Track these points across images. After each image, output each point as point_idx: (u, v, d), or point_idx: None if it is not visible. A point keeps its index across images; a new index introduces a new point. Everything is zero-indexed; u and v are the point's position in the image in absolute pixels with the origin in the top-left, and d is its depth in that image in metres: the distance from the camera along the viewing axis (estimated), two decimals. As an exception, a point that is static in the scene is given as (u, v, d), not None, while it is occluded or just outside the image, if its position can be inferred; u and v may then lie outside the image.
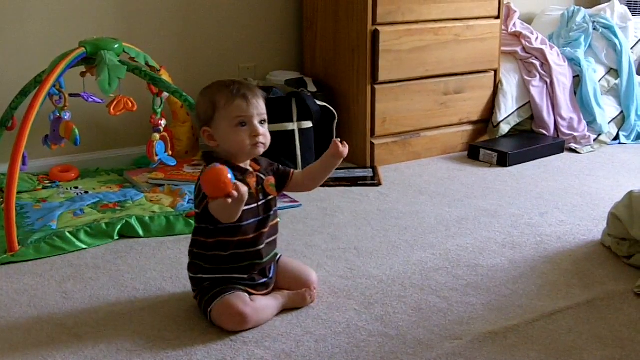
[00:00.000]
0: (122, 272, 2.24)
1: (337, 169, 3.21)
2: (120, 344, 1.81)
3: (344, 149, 2.01)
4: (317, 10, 3.49)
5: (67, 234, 2.40)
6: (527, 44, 3.78)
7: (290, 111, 3.13)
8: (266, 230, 1.96)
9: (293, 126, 3.13)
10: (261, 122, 1.93)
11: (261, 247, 1.95)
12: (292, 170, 2.08)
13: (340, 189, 3.04)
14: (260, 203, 1.95)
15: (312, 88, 3.34)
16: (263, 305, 1.92)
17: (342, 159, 2.03)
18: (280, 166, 2.06)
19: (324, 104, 3.25)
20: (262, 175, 1.98)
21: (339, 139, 2.02)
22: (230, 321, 1.86)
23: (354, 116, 3.36)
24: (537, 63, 3.73)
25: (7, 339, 1.84)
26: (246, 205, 1.88)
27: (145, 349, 1.79)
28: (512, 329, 1.89)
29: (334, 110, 3.26)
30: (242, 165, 1.94)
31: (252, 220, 1.92)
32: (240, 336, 1.84)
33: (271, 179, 2.00)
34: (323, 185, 3.04)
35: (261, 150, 1.94)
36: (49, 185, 2.95)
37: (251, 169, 1.96)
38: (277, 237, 2.03)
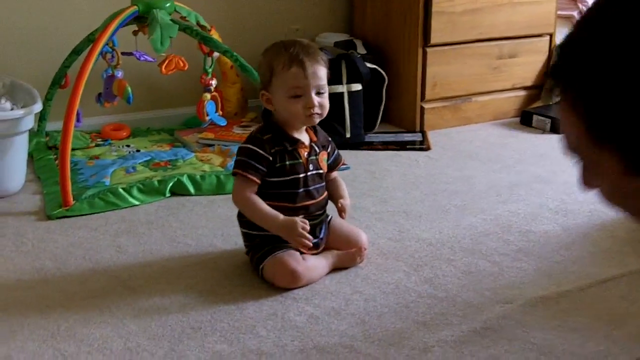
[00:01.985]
0: (174, 228, 2.26)
1: (386, 132, 3.25)
2: (174, 297, 1.84)
3: (341, 216, 2.02)
4: (369, -28, 3.46)
5: (121, 190, 2.43)
6: (584, 8, 3.70)
7: (340, 73, 3.10)
8: (314, 201, 1.96)
9: (342, 89, 3.10)
10: (319, 92, 1.90)
11: (306, 214, 1.94)
12: (341, 162, 2.09)
13: (389, 152, 3.03)
14: (309, 174, 1.95)
15: (361, 50, 3.31)
16: (314, 263, 1.92)
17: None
18: (337, 152, 2.07)
19: (374, 66, 3.22)
20: (316, 148, 1.98)
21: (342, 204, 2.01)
22: (282, 278, 1.87)
23: (404, 79, 3.33)
24: (594, 28, 3.65)
25: (62, 290, 1.88)
26: (293, 174, 1.90)
27: (198, 303, 1.81)
28: (564, 294, 1.87)
29: (384, 73, 3.23)
30: (295, 134, 1.94)
31: (301, 190, 1.93)
32: (291, 293, 1.86)
33: (325, 155, 2.01)
34: (371, 149, 3.05)
35: (316, 120, 1.93)
36: (101, 143, 2.98)
37: (303, 140, 1.95)
38: (325, 209, 2.02)
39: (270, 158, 1.89)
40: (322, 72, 1.91)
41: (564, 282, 1.94)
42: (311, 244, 1.87)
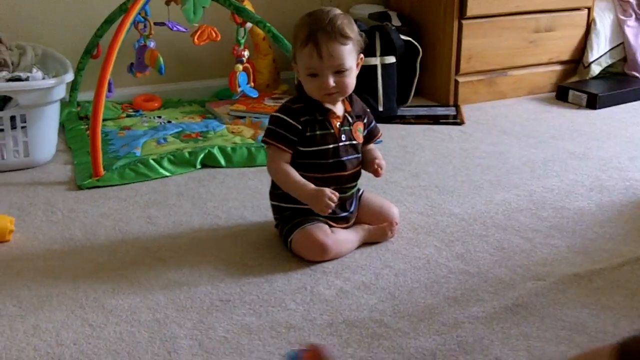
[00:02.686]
0: (205, 200, 2.26)
1: (419, 106, 3.21)
2: (203, 269, 1.83)
3: (377, 174, 1.99)
4: (405, -58, 3.41)
5: (151, 161, 2.43)
6: (623, -18, 3.63)
7: (374, 45, 3.06)
8: (345, 173, 1.94)
9: (375, 61, 3.07)
10: (337, 72, 1.84)
11: (342, 186, 1.92)
12: (378, 135, 2.06)
13: (422, 126, 3.00)
14: (341, 144, 1.92)
15: (396, 22, 3.27)
16: (343, 237, 1.91)
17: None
18: (374, 124, 2.04)
19: (408, 38, 3.18)
20: (350, 118, 1.95)
21: (378, 163, 1.98)
22: (311, 251, 1.86)
23: (438, 52, 3.28)
24: (633, 2, 3.58)
25: (92, 260, 1.88)
26: (323, 144, 1.88)
27: (227, 275, 1.80)
28: (598, 272, 1.84)
29: (418, 46, 3.19)
30: (326, 104, 1.91)
31: (330, 161, 1.90)
32: (320, 266, 1.85)
33: (360, 125, 1.97)
34: (404, 123, 3.02)
35: (336, 98, 1.90)
36: (133, 113, 2.98)
37: (336, 110, 1.92)
38: (357, 182, 2.00)
39: (300, 127, 1.87)
40: (342, 50, 1.83)
41: (597, 260, 1.91)
42: (331, 210, 1.84)
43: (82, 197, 2.27)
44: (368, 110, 2.04)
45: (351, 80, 1.88)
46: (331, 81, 1.84)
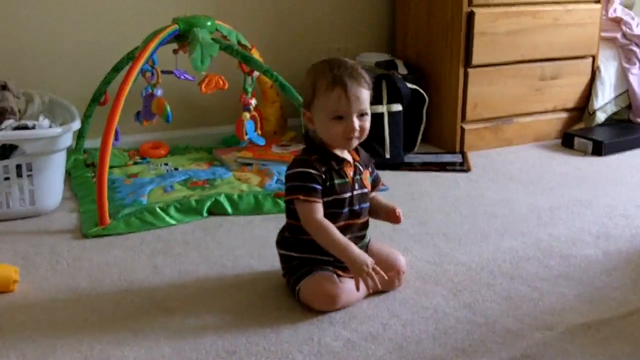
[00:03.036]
0: (211, 248, 2.25)
1: (426, 153, 3.22)
2: (209, 319, 1.82)
3: (398, 220, 2.00)
4: (411, -9, 3.45)
5: (158, 210, 2.43)
6: (628, 30, 3.65)
7: (380, 93, 3.08)
8: (359, 221, 1.94)
9: (382, 109, 3.08)
10: (361, 114, 1.87)
11: (350, 235, 1.92)
12: (380, 183, 2.07)
13: (429, 173, 3.00)
14: (355, 193, 1.92)
15: (402, 70, 3.29)
16: (351, 286, 1.89)
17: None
18: (376, 172, 2.05)
19: (415, 86, 3.20)
20: (360, 167, 1.96)
21: (399, 211, 2.00)
22: (319, 301, 1.85)
23: (445, 100, 3.30)
24: (637, 50, 3.60)
25: (96, 310, 1.87)
26: (341, 193, 1.88)
27: (233, 325, 1.79)
28: (605, 322, 1.82)
29: (424, 94, 3.21)
30: (339, 153, 1.91)
31: (346, 210, 1.91)
32: (328, 316, 1.83)
33: (367, 173, 1.99)
34: (411, 170, 3.03)
35: (355, 143, 1.90)
36: (140, 161, 2.99)
37: (349, 158, 1.94)
38: (366, 232, 2.00)
39: (323, 176, 1.87)
40: (365, 95, 1.87)
41: (605, 309, 1.89)
42: (379, 287, 1.85)
43: (88, 246, 2.26)
44: (372, 159, 2.06)
45: (369, 125, 1.90)
46: (357, 124, 1.85)
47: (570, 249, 2.27)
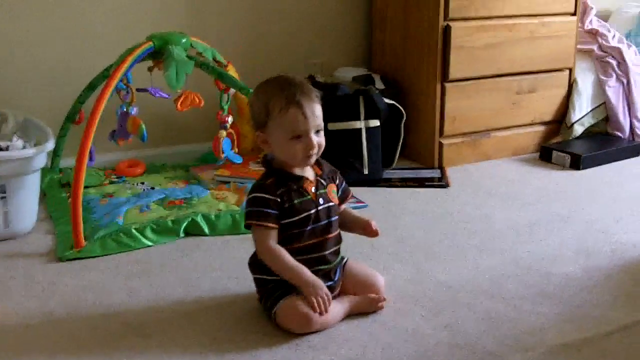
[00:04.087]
0: (188, 270, 2.23)
1: (404, 169, 3.21)
2: (187, 345, 1.79)
3: (375, 233, 2.00)
4: (388, 6, 3.44)
5: (134, 231, 2.40)
6: (604, 42, 3.66)
7: (358, 109, 3.07)
8: (330, 236, 1.92)
9: (360, 124, 3.07)
10: (317, 131, 1.86)
11: (327, 252, 1.91)
12: (350, 195, 2.06)
13: (407, 189, 2.99)
14: (320, 208, 1.90)
15: (380, 85, 3.29)
16: (328, 307, 1.88)
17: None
18: (345, 184, 2.03)
19: (392, 102, 3.18)
20: (323, 182, 1.94)
21: (374, 224, 2.00)
22: (295, 322, 1.83)
23: (422, 115, 3.29)
24: (614, 62, 3.62)
25: (72, 336, 1.84)
26: (304, 211, 1.86)
27: (211, 350, 1.77)
28: (586, 341, 1.82)
29: (402, 109, 3.20)
30: (298, 171, 1.90)
31: (310, 227, 1.88)
32: (306, 340, 1.81)
33: (333, 187, 1.96)
34: (390, 186, 3.01)
35: (314, 159, 1.89)
36: (116, 180, 2.96)
37: (307, 175, 1.91)
38: (340, 247, 1.98)
39: (278, 199, 1.85)
40: (319, 110, 1.86)
41: (585, 328, 1.89)
42: (326, 313, 1.83)
43: (63, 270, 2.22)
44: (337, 171, 2.03)
45: (324, 140, 1.89)
46: (315, 140, 1.84)
47: (549, 266, 2.26)
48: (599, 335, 1.85)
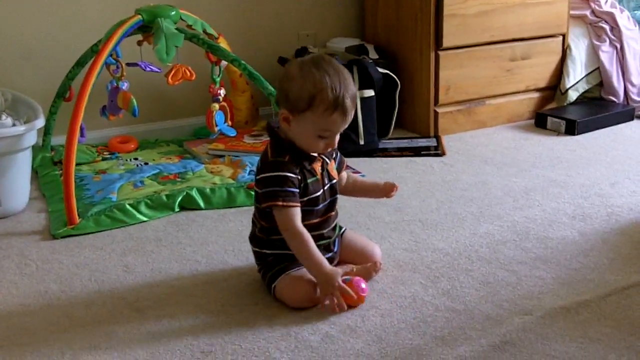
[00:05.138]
0: (184, 245, 2.21)
1: (400, 138, 3.19)
2: (183, 319, 1.78)
3: (394, 194, 2.02)
4: (379, -25, 3.41)
5: (128, 206, 2.38)
6: (597, 7, 3.64)
7: (352, 79, 3.04)
8: (332, 213, 1.92)
9: (354, 95, 3.05)
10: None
11: (327, 229, 1.90)
12: (345, 163, 2.04)
13: (404, 159, 2.98)
14: (326, 188, 1.89)
15: (373, 55, 3.26)
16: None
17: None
18: (340, 155, 2.00)
19: (386, 71, 3.16)
20: (326, 159, 1.92)
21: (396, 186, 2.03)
22: (295, 297, 1.82)
23: (417, 84, 3.27)
24: (607, 27, 3.59)
25: (68, 314, 1.83)
26: (314, 192, 1.85)
27: (208, 324, 1.76)
28: (584, 304, 1.82)
29: (396, 78, 3.17)
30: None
31: (320, 206, 1.87)
32: (304, 311, 1.80)
33: (333, 163, 1.95)
34: (386, 156, 3.00)
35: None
36: (109, 156, 2.94)
37: (316, 154, 1.89)
38: (337, 224, 1.98)
39: (299, 177, 1.82)
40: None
41: (583, 291, 1.88)
42: (345, 308, 1.79)
43: (57, 247, 2.21)
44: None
45: None
46: (336, 140, 1.84)
47: (546, 231, 2.26)
48: (596, 298, 1.85)
